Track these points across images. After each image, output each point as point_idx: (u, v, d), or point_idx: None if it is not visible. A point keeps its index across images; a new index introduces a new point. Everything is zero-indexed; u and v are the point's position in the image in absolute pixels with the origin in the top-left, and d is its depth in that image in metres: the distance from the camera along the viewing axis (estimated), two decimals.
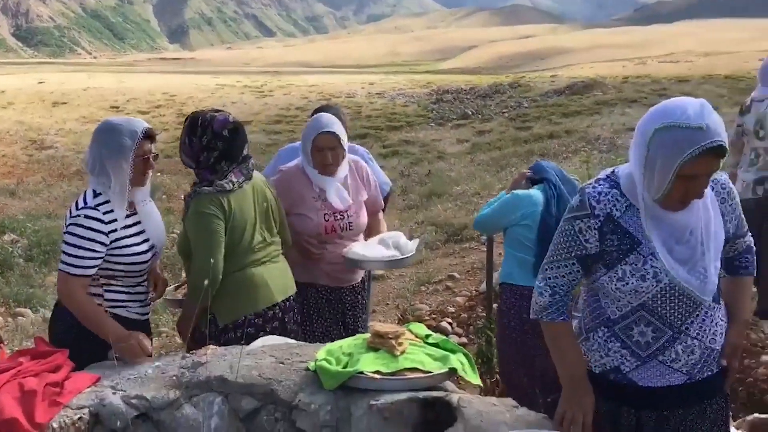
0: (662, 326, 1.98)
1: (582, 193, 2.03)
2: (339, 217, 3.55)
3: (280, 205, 3.32)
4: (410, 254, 3.53)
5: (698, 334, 2.01)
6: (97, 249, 2.72)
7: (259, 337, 2.90)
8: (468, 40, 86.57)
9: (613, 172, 2.08)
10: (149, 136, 2.83)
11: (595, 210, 1.99)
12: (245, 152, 3.14)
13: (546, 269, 2.09)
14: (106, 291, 2.84)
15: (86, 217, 2.73)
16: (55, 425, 2.24)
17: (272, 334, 2.96)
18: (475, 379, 2.29)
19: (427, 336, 2.48)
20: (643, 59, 40.53)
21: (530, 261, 3.63)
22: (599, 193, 2.00)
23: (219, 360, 2.55)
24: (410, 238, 3.73)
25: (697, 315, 2.01)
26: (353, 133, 22.90)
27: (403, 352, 2.30)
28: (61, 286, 2.77)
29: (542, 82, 30.02)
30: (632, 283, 1.94)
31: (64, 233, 2.76)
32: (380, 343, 2.32)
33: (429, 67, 56.80)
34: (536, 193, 3.60)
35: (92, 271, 2.75)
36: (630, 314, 2.00)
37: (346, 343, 2.44)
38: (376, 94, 29.30)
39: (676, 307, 1.97)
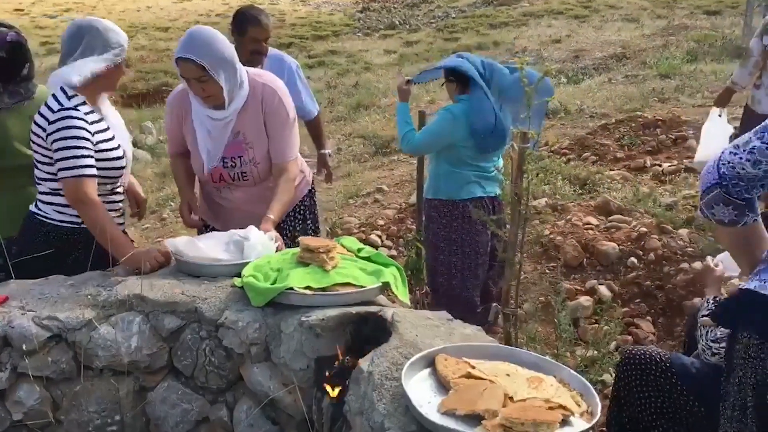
0: None
1: None
2: (229, 163, 2.83)
3: None
4: (245, 260, 2.40)
5: None
6: (90, 147, 2.55)
7: None
8: None
9: None
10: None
11: None
12: (25, 72, 2.92)
13: None
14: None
15: (70, 117, 2.53)
16: None
17: None
18: (404, 296, 2.22)
19: (359, 250, 2.39)
20: None
21: (470, 177, 3.58)
22: None
23: (137, 277, 2.40)
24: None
25: None
26: (277, 43, 22.15)
27: (334, 267, 2.20)
28: (76, 194, 2.53)
29: None
30: None
31: (54, 140, 2.51)
32: (310, 258, 2.21)
33: None
34: (463, 107, 3.52)
35: (95, 170, 2.57)
36: None
37: (274, 258, 2.31)
38: (301, 1, 28.23)
39: None
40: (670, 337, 3.73)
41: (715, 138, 4.85)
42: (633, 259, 4.23)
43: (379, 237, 5.18)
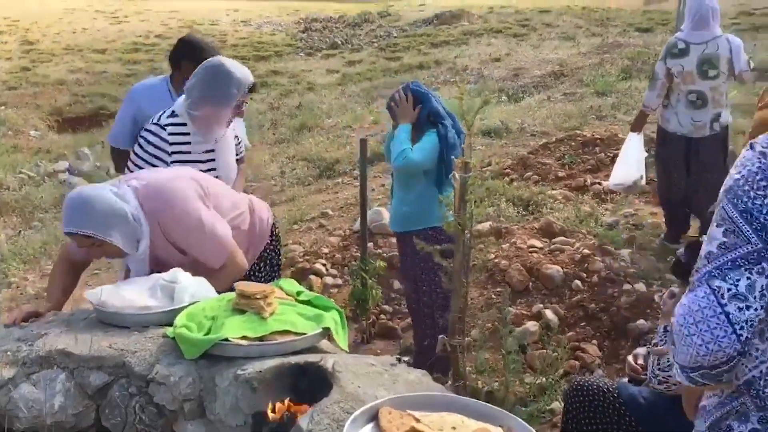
0: None
1: None
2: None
3: None
4: (177, 305, 2.27)
5: None
6: (155, 165, 2.87)
7: None
8: None
9: None
10: (253, 89, 2.98)
11: None
12: None
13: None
14: None
15: (152, 133, 2.92)
16: None
17: None
18: (344, 343, 2.13)
19: (299, 293, 2.29)
20: None
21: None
22: None
23: (61, 330, 2.25)
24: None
25: None
26: None
27: (272, 313, 2.10)
28: None
29: (411, 11, 29.89)
30: None
31: (137, 142, 2.96)
32: (247, 305, 2.11)
33: None
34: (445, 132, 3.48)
35: None
36: None
37: (209, 305, 2.20)
38: (242, 21, 28.05)
39: None
40: (616, 360, 3.74)
41: (630, 162, 4.98)
42: (577, 281, 4.24)
43: (324, 266, 5.08)
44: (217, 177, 3.02)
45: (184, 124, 2.94)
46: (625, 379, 2.72)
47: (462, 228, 3.06)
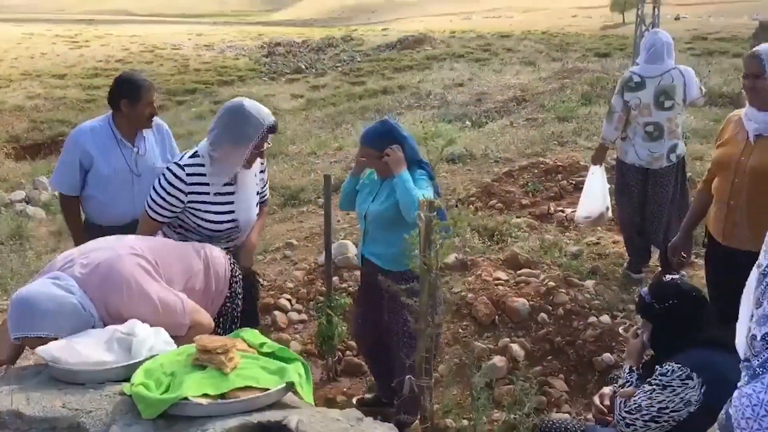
0: None
1: None
2: None
3: None
4: (134, 360, 2.17)
5: None
6: (171, 203, 3.00)
7: None
8: None
9: None
10: (273, 130, 3.00)
11: None
12: None
13: None
14: (180, 240, 3.06)
15: (171, 172, 2.99)
16: None
17: None
18: (309, 397, 2.07)
19: (262, 345, 2.23)
20: (468, 14, 41.89)
21: None
22: None
23: (12, 388, 2.15)
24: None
25: None
26: (182, 89, 21.69)
27: (234, 368, 2.04)
28: (141, 217, 3.12)
29: (374, 35, 30.14)
30: None
31: (158, 178, 3.05)
32: (207, 360, 2.04)
33: (259, 18, 55.02)
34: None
35: (163, 219, 3.06)
36: None
37: (167, 360, 2.12)
38: (205, 46, 27.96)
39: None
40: (582, 395, 3.74)
41: (596, 195, 5.05)
42: (543, 314, 4.24)
43: (289, 301, 5.01)
44: (234, 221, 3.11)
45: (204, 165, 3.00)
46: (593, 422, 2.71)
47: (428, 268, 3.04)
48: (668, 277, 2.68)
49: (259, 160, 3.21)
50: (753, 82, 3.02)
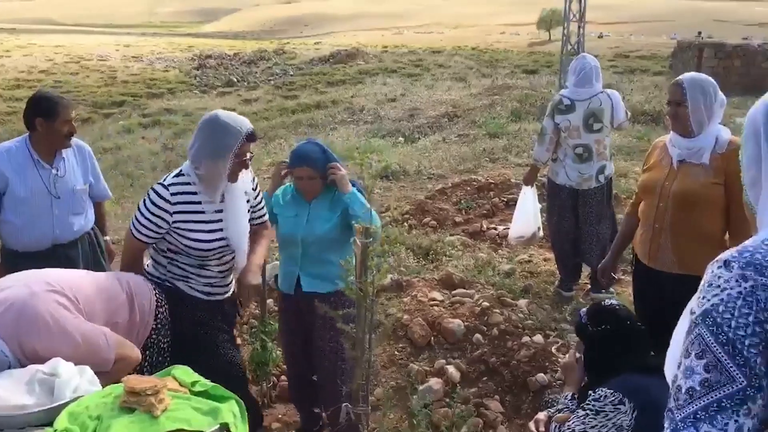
0: None
1: None
2: None
3: None
4: (57, 402, 2.04)
5: None
6: (159, 224, 2.90)
7: None
8: (231, 3, 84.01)
9: None
10: (251, 137, 2.93)
11: None
12: None
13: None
14: (169, 263, 3.03)
15: (156, 192, 2.91)
16: None
17: None
18: None
19: (194, 383, 2.16)
20: (400, 29, 42.34)
21: None
22: None
23: None
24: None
25: None
26: (109, 101, 21.07)
27: (164, 410, 1.96)
28: (126, 239, 3.05)
29: (307, 49, 30.12)
30: None
31: (142, 198, 2.96)
32: (136, 402, 1.96)
33: (190, 30, 54.17)
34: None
35: (148, 240, 2.96)
36: None
37: (93, 402, 2.02)
38: (133, 57, 27.32)
39: None
40: (518, 415, 3.78)
41: (528, 216, 5.17)
42: (478, 335, 4.28)
43: None
44: (224, 239, 3.00)
45: (189, 183, 2.92)
46: None
47: (364, 294, 3.02)
48: (608, 301, 2.72)
49: (247, 173, 3.10)
50: (675, 110, 3.13)
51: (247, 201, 3.19)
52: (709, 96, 3.06)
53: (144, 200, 2.96)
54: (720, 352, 1.16)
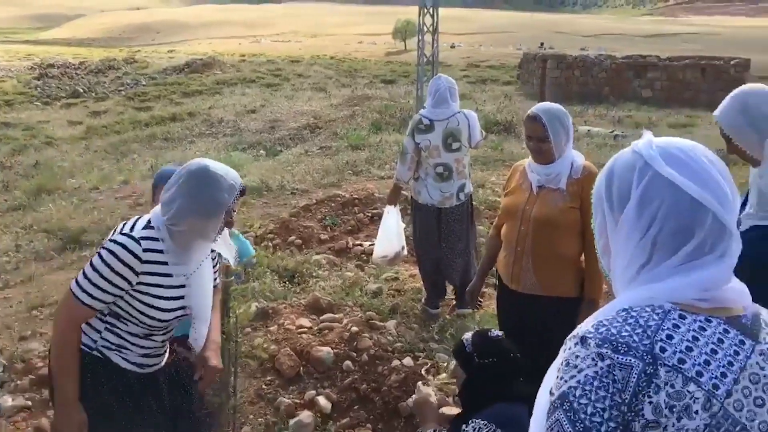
0: None
1: None
2: None
3: None
4: None
5: None
6: (120, 285, 2.41)
7: None
8: (74, 8, 79.33)
9: None
10: (243, 192, 2.50)
11: None
12: None
13: None
14: (106, 329, 2.53)
15: (122, 246, 2.39)
16: None
17: None
18: None
19: None
20: (257, 37, 41.81)
21: None
22: None
23: None
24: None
25: None
26: None
27: None
28: (63, 306, 2.46)
29: (159, 58, 29.05)
30: None
31: (97, 252, 2.42)
32: None
33: (28, 37, 50.59)
34: None
35: (99, 306, 2.43)
36: None
37: None
38: None
39: None
40: None
41: (391, 235, 5.20)
42: (348, 362, 4.20)
43: None
44: (184, 308, 2.54)
45: (158, 240, 2.44)
46: None
47: (227, 338, 2.87)
48: (494, 333, 2.70)
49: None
50: (538, 146, 3.19)
51: (213, 258, 2.75)
52: (566, 126, 3.16)
53: (101, 256, 2.40)
54: None
